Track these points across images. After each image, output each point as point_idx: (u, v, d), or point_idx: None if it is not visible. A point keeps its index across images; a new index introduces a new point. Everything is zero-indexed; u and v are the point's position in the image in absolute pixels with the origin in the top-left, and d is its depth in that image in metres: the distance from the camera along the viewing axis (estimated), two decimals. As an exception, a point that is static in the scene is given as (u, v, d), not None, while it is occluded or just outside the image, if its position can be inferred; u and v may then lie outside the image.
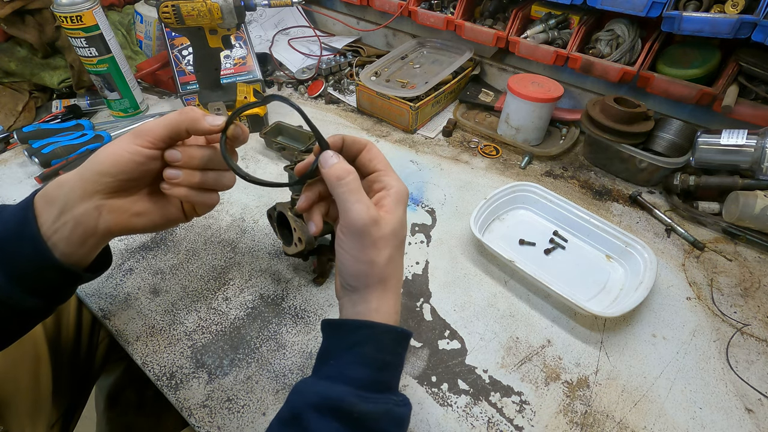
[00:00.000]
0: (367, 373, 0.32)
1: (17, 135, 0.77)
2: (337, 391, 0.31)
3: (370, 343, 0.33)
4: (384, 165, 0.37)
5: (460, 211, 0.69)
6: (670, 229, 0.67)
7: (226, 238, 0.64)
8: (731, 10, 0.62)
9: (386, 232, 0.34)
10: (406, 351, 0.37)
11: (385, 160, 0.38)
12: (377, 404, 0.31)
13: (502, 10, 0.90)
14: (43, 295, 0.36)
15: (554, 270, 0.60)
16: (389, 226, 0.34)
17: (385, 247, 0.34)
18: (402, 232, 0.35)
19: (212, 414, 0.45)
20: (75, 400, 0.63)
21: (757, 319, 0.55)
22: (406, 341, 0.36)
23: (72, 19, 0.73)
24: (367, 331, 0.33)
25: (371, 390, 0.32)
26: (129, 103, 0.87)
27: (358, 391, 0.31)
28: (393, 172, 0.37)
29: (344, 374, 0.32)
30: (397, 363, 0.35)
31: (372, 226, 0.33)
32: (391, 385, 0.34)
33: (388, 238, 0.34)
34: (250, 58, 0.97)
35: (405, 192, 0.36)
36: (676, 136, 0.72)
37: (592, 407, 0.46)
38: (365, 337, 0.33)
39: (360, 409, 0.30)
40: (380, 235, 0.34)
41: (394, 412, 0.32)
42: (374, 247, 0.34)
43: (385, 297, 0.35)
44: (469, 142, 0.85)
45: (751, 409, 0.46)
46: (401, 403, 0.33)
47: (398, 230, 0.35)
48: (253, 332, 0.52)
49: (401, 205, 0.35)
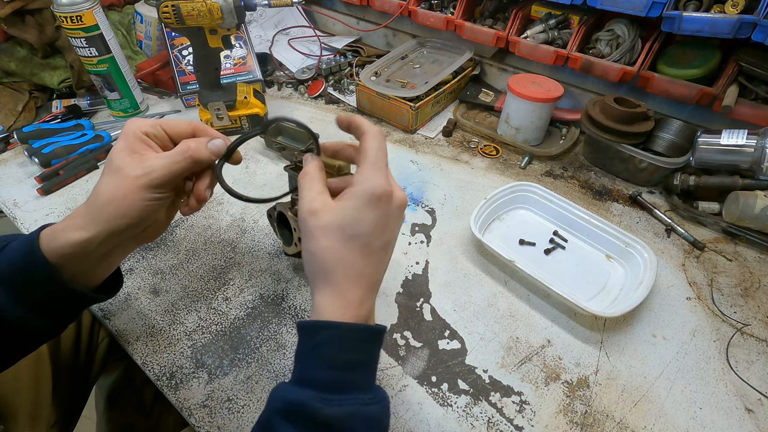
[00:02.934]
0: (330, 374, 0.32)
1: (17, 135, 0.77)
2: (301, 395, 0.31)
3: (332, 344, 0.32)
4: (366, 160, 0.35)
5: (460, 211, 0.69)
6: (670, 229, 0.67)
7: (226, 238, 0.64)
8: (731, 10, 0.62)
9: (324, 222, 0.33)
10: (380, 346, 0.36)
11: (373, 156, 0.35)
12: (342, 406, 0.31)
13: (502, 10, 0.90)
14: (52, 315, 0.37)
15: (554, 270, 0.60)
16: (328, 217, 0.33)
17: (324, 238, 0.33)
18: (354, 228, 0.33)
19: (212, 414, 0.45)
20: (75, 401, 0.63)
21: (757, 319, 0.55)
22: (377, 337, 0.35)
23: (72, 19, 0.73)
24: (329, 332, 0.33)
25: (336, 391, 0.31)
26: (129, 103, 0.87)
27: (322, 394, 0.31)
28: (373, 168, 0.35)
29: (309, 377, 0.32)
30: (366, 360, 0.34)
31: (309, 215, 0.34)
32: (360, 384, 0.33)
33: (326, 230, 0.33)
34: (250, 58, 0.97)
35: (370, 190, 0.33)
36: (676, 136, 0.72)
37: (592, 407, 0.46)
38: (327, 338, 0.32)
39: (324, 414, 0.30)
40: (318, 225, 0.34)
41: (361, 413, 0.31)
42: (312, 237, 0.34)
43: (327, 291, 0.34)
44: (469, 142, 0.85)
45: (751, 409, 0.46)
46: (371, 401, 0.32)
47: (345, 224, 0.33)
48: (253, 332, 0.52)
49: (357, 201, 0.33)
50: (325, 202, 0.35)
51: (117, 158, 0.35)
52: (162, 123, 0.39)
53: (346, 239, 0.34)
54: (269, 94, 0.99)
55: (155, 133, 0.38)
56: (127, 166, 0.35)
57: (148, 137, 0.37)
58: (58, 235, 0.34)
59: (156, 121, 0.38)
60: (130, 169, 0.35)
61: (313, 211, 0.34)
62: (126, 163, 0.35)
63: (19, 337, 0.37)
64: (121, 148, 0.36)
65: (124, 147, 0.36)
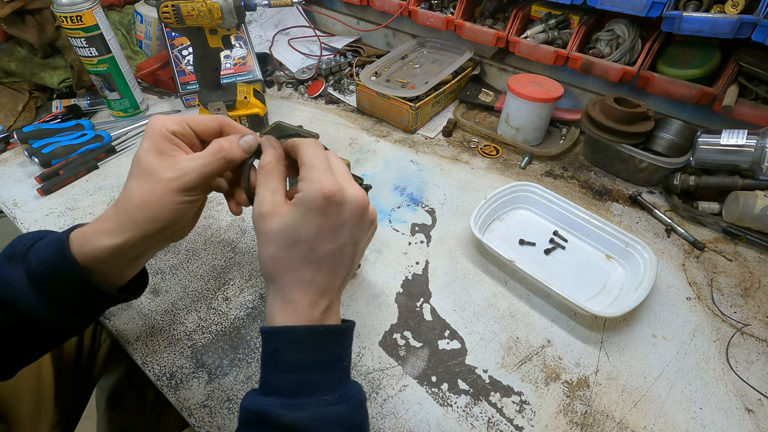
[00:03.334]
0: (290, 379, 0.32)
1: (17, 135, 0.77)
2: (263, 404, 0.31)
3: (288, 348, 0.32)
4: (306, 167, 0.34)
5: (460, 211, 0.69)
6: (670, 229, 0.67)
7: (226, 238, 0.64)
8: (731, 10, 0.62)
9: (270, 228, 0.33)
10: (344, 345, 0.35)
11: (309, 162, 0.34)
12: (305, 410, 0.30)
13: (502, 10, 0.90)
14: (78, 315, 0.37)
15: (554, 270, 0.60)
16: (275, 223, 0.33)
17: (268, 244, 0.33)
18: (296, 235, 0.32)
19: (212, 414, 0.45)
20: (77, 401, 0.63)
21: (757, 319, 0.55)
22: (336, 336, 0.34)
23: (72, 19, 0.73)
24: (283, 337, 0.32)
25: (298, 395, 0.31)
26: (129, 103, 0.87)
27: (284, 400, 0.31)
28: (315, 170, 0.33)
29: (271, 383, 0.32)
30: (328, 360, 0.33)
31: (258, 218, 0.34)
32: (323, 384, 0.32)
33: (270, 235, 0.33)
34: (250, 58, 0.97)
35: (313, 193, 0.32)
36: (676, 136, 0.72)
37: (592, 407, 0.46)
38: (282, 344, 0.32)
39: (285, 420, 0.29)
40: (263, 230, 0.33)
41: (324, 414, 0.31)
42: (259, 241, 0.34)
43: (275, 296, 0.34)
44: (469, 142, 0.85)
45: (751, 409, 0.46)
46: (337, 400, 0.32)
47: (288, 230, 0.32)
48: (253, 332, 0.52)
49: (301, 206, 0.32)
50: (275, 205, 0.34)
51: (145, 160, 0.34)
52: (188, 120, 0.37)
53: (288, 245, 0.33)
54: (269, 94, 0.99)
55: (182, 131, 0.36)
56: (158, 169, 0.33)
57: (175, 136, 0.36)
58: (90, 239, 0.33)
59: (182, 118, 0.37)
60: (161, 172, 0.33)
61: (262, 215, 0.33)
62: (156, 165, 0.33)
63: (44, 334, 0.37)
64: (148, 149, 0.34)
65: (151, 147, 0.34)
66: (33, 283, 0.33)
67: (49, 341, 0.39)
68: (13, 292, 0.33)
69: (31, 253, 0.34)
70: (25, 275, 0.33)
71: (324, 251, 0.33)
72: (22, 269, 0.33)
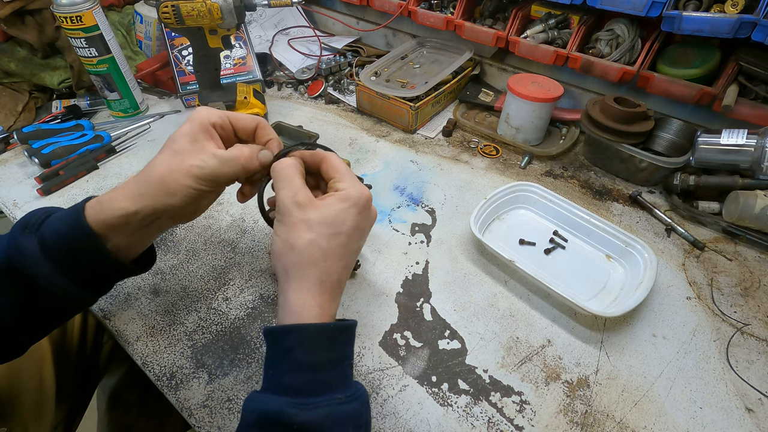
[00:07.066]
0: (303, 378, 0.32)
1: (17, 135, 0.77)
2: (275, 404, 0.31)
3: (302, 346, 0.32)
4: (340, 173, 0.38)
5: (460, 211, 0.69)
6: (670, 228, 0.67)
7: (226, 238, 0.64)
8: (731, 9, 0.62)
9: (311, 216, 0.35)
10: (351, 342, 0.36)
11: (343, 170, 0.39)
12: (317, 409, 0.31)
13: (502, 10, 0.90)
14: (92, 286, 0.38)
15: (554, 270, 0.60)
16: (317, 212, 0.35)
17: (309, 232, 0.34)
18: (339, 226, 0.35)
19: (212, 414, 0.45)
20: (78, 402, 0.63)
21: (757, 319, 0.55)
22: (346, 334, 0.35)
23: (72, 19, 0.73)
24: (297, 335, 0.33)
25: (310, 395, 0.31)
26: (129, 104, 0.87)
27: (296, 399, 0.31)
28: (351, 179, 0.38)
29: (282, 383, 0.32)
30: (338, 358, 0.34)
31: (295, 206, 0.35)
32: (334, 383, 0.33)
33: (312, 223, 0.34)
34: (250, 58, 0.97)
35: (355, 196, 0.36)
36: (676, 136, 0.72)
37: (592, 407, 0.46)
38: (296, 342, 0.32)
39: (299, 419, 0.30)
40: (303, 218, 0.35)
41: (337, 412, 0.31)
42: (295, 229, 0.35)
43: (304, 286, 0.34)
44: (469, 142, 0.85)
45: (751, 408, 0.46)
46: (347, 399, 0.32)
47: (330, 221, 0.35)
48: (253, 332, 0.52)
49: (344, 204, 0.36)
50: (310, 197, 0.36)
51: (179, 141, 0.37)
52: (230, 115, 0.40)
53: (330, 235, 0.34)
54: (269, 94, 0.99)
55: (222, 124, 0.40)
56: (185, 153, 0.36)
57: (215, 128, 0.39)
58: (106, 204, 0.35)
59: (225, 113, 0.40)
60: (186, 156, 0.36)
61: (300, 203, 0.35)
62: (186, 149, 0.37)
63: (58, 306, 0.38)
64: (185, 133, 0.37)
65: (188, 132, 0.37)
66: (46, 251, 0.34)
67: (60, 314, 0.40)
68: (27, 261, 0.34)
69: (47, 223, 0.35)
70: (38, 244, 0.34)
71: (353, 248, 0.37)
72: (36, 238, 0.35)
